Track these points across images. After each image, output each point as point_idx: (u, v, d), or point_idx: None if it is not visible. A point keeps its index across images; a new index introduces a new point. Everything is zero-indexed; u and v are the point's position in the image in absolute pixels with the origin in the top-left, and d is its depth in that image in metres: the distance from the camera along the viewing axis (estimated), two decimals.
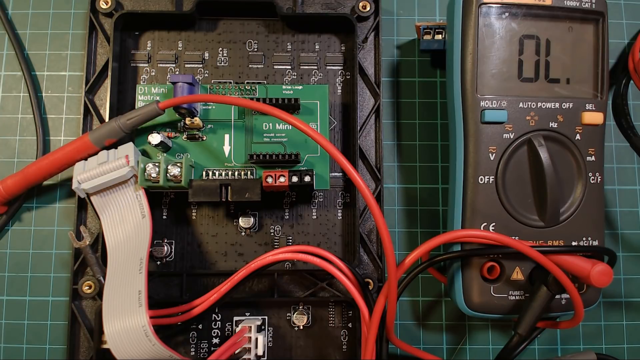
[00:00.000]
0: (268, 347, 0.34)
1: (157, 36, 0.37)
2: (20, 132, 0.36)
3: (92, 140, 0.32)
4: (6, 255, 0.35)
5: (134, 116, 0.31)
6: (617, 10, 0.39)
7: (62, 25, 0.38)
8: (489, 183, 0.31)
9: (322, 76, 0.37)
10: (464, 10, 0.32)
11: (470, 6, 0.31)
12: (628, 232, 0.37)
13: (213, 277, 0.34)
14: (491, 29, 0.32)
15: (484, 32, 0.32)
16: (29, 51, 0.37)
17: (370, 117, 0.36)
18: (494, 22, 0.32)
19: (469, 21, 0.31)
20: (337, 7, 0.37)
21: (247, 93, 0.34)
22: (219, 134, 0.34)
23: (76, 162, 0.32)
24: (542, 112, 0.32)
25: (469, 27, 0.31)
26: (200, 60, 0.36)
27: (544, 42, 0.32)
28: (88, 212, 0.34)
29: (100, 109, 0.35)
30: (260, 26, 0.37)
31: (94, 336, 0.32)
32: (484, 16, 0.32)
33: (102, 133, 0.32)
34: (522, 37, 0.32)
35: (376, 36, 0.37)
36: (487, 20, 0.32)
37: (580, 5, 0.32)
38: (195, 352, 0.34)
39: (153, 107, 0.31)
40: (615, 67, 0.39)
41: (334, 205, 0.35)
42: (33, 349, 0.34)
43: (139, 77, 0.36)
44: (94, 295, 0.33)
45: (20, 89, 0.37)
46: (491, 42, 0.32)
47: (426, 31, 0.36)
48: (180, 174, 0.31)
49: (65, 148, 0.32)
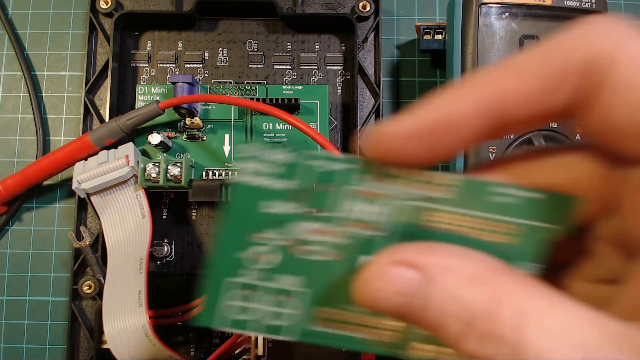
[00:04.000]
0: (268, 347, 0.34)
1: (157, 36, 0.37)
2: (20, 132, 0.36)
3: (92, 140, 0.32)
4: (6, 255, 0.35)
5: (134, 116, 0.31)
6: (617, 10, 0.39)
7: (62, 25, 0.38)
8: None
9: (322, 76, 0.37)
10: (463, 10, 0.32)
11: (470, 6, 0.31)
12: None
13: None
14: (491, 29, 0.32)
15: (483, 32, 0.32)
16: (29, 51, 0.37)
17: (370, 117, 0.36)
18: (493, 22, 0.32)
19: (469, 21, 0.31)
20: (337, 7, 0.37)
21: (247, 93, 0.34)
22: (219, 134, 0.34)
23: (76, 162, 0.32)
24: None
25: (468, 27, 0.31)
26: (200, 60, 0.36)
27: None
28: (88, 212, 0.34)
29: (100, 109, 0.35)
30: (260, 26, 0.37)
31: (94, 336, 0.32)
32: (483, 16, 0.32)
33: (102, 133, 0.32)
34: (522, 37, 0.32)
35: (376, 36, 0.37)
36: (487, 21, 0.32)
37: (580, 5, 0.32)
38: (195, 352, 0.34)
39: (153, 107, 0.31)
40: None
41: None
42: (33, 349, 0.34)
43: (139, 77, 0.36)
44: (94, 295, 0.33)
45: (20, 89, 0.37)
46: (491, 42, 0.32)
47: (426, 31, 0.36)
48: (180, 174, 0.31)
49: (65, 148, 0.32)
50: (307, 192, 0.17)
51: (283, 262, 0.17)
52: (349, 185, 0.17)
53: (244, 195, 0.17)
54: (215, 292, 0.17)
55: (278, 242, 0.17)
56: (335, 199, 0.17)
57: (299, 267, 0.17)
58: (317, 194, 0.17)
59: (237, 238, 0.17)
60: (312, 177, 0.17)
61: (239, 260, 0.17)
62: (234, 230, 0.17)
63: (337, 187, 0.17)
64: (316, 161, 0.17)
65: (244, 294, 0.17)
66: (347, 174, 0.17)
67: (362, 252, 0.17)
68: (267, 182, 0.17)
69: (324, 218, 0.17)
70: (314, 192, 0.17)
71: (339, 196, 0.17)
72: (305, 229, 0.17)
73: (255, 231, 0.17)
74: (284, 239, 0.17)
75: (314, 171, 0.17)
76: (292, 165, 0.17)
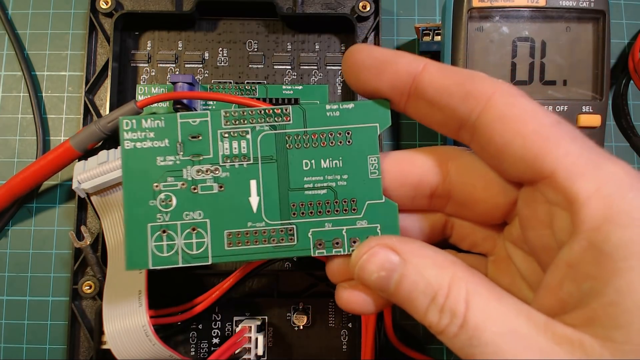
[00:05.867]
0: (268, 347, 0.34)
1: (157, 36, 0.37)
2: (20, 132, 0.36)
3: (74, 145, 0.31)
4: (6, 255, 0.35)
5: (113, 118, 0.31)
6: (617, 10, 0.39)
7: (62, 25, 0.38)
8: None
9: (322, 76, 0.37)
10: (454, 14, 0.31)
11: (461, 10, 0.31)
12: None
13: (213, 277, 0.34)
14: (482, 33, 0.31)
15: (474, 36, 0.31)
16: (29, 51, 0.37)
17: None
18: (485, 26, 0.31)
19: (459, 25, 0.31)
20: (337, 7, 0.37)
21: (247, 93, 0.34)
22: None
23: (60, 169, 0.32)
24: None
25: (459, 31, 0.31)
26: (200, 60, 0.36)
27: (539, 44, 0.32)
28: (88, 212, 0.34)
29: (100, 109, 0.35)
30: (260, 26, 0.37)
31: (94, 336, 0.32)
32: (474, 20, 0.31)
33: (83, 137, 0.31)
34: (515, 39, 0.32)
35: (376, 36, 0.37)
36: (478, 24, 0.31)
37: (577, 4, 0.31)
38: (195, 352, 0.34)
39: (131, 107, 0.31)
40: (615, 67, 0.39)
41: None
42: (33, 349, 0.34)
43: (139, 77, 0.36)
44: (94, 295, 0.33)
45: (20, 89, 0.37)
46: (482, 46, 0.31)
47: (425, 32, 0.36)
48: None
49: (47, 156, 0.32)
50: (186, 143, 0.23)
51: (185, 200, 0.23)
52: (216, 130, 0.23)
53: (137, 157, 0.23)
54: (142, 237, 0.22)
55: (177, 186, 0.23)
56: (208, 144, 0.23)
57: (198, 202, 0.23)
58: (194, 143, 0.23)
59: (145, 189, 0.23)
60: (186, 132, 0.23)
61: (153, 207, 0.23)
62: (140, 184, 0.23)
63: (208, 135, 0.23)
64: (185, 119, 0.23)
65: (165, 234, 0.23)
66: (214, 122, 0.23)
67: (241, 180, 0.23)
68: (152, 144, 0.23)
69: (205, 160, 0.23)
70: (192, 142, 0.23)
71: (211, 140, 0.23)
72: (193, 171, 0.23)
73: (157, 181, 0.23)
74: (180, 183, 0.23)
75: (187, 127, 0.23)
76: (169, 126, 0.23)
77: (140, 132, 0.23)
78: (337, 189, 0.23)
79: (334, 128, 0.23)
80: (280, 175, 0.23)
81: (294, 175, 0.23)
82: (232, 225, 0.23)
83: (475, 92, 0.19)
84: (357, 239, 0.23)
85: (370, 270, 0.20)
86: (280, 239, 0.23)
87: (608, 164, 0.17)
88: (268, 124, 0.23)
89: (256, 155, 0.23)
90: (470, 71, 0.20)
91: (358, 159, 0.23)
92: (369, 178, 0.23)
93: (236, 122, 0.23)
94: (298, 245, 0.23)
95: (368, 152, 0.23)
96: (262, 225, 0.23)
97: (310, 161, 0.23)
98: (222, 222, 0.23)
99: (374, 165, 0.23)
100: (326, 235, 0.23)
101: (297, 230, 0.23)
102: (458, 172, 0.21)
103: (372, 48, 0.21)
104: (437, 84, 0.20)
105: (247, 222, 0.23)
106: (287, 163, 0.23)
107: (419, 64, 0.20)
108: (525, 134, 0.18)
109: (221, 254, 0.23)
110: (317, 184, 0.23)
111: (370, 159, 0.23)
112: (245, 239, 0.23)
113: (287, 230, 0.23)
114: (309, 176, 0.23)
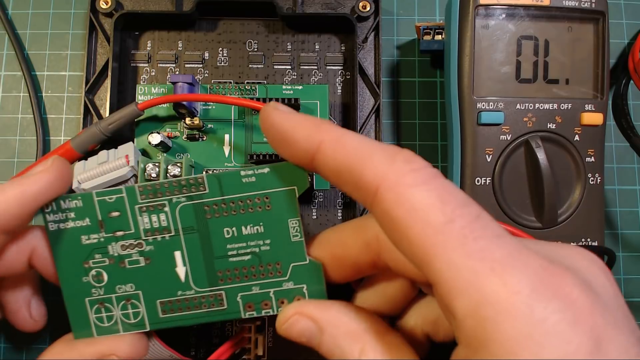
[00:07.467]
0: (268, 347, 0.34)
1: (157, 36, 0.37)
2: (20, 132, 0.37)
3: (74, 146, 0.32)
4: None
5: (114, 119, 0.31)
6: (617, 10, 0.39)
7: (62, 25, 0.38)
8: (486, 184, 0.31)
9: (322, 76, 0.37)
10: (460, 11, 0.31)
11: (467, 7, 0.31)
12: (628, 232, 0.37)
13: None
14: (488, 31, 0.32)
15: (480, 34, 0.31)
16: (29, 51, 0.37)
17: (370, 117, 0.36)
18: (491, 23, 0.32)
19: (466, 23, 0.31)
20: (337, 7, 0.37)
21: (247, 93, 0.34)
22: (219, 134, 0.34)
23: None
24: (540, 113, 0.32)
25: (465, 28, 0.31)
26: (200, 60, 0.36)
27: (542, 43, 0.32)
28: None
29: (100, 109, 0.35)
30: (260, 26, 0.37)
31: None
32: (481, 18, 0.32)
33: (84, 138, 0.32)
34: (520, 38, 0.32)
35: (376, 36, 0.37)
36: (484, 22, 0.32)
37: (579, 4, 0.32)
38: (195, 352, 0.34)
39: (133, 109, 0.31)
40: (615, 67, 0.39)
41: (334, 205, 0.35)
42: (33, 348, 0.34)
43: (139, 77, 0.36)
44: None
45: (20, 89, 0.37)
46: (488, 43, 0.32)
47: (426, 32, 0.36)
48: (180, 174, 0.31)
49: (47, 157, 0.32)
50: (107, 220, 0.23)
51: (115, 275, 0.23)
52: (133, 205, 0.23)
53: (63, 238, 0.23)
54: (82, 310, 0.23)
55: (105, 262, 0.23)
56: (128, 219, 0.23)
57: (128, 275, 0.23)
58: (114, 219, 0.23)
59: (76, 267, 0.23)
60: (105, 209, 0.23)
61: (87, 284, 0.23)
62: (71, 263, 0.23)
63: (126, 210, 0.23)
64: (101, 197, 0.23)
65: (103, 307, 0.24)
66: (130, 197, 0.23)
67: (166, 252, 0.23)
68: (74, 224, 0.23)
69: (127, 235, 0.23)
70: (111, 218, 0.23)
71: (130, 216, 0.23)
72: (118, 247, 0.23)
73: (86, 259, 0.23)
74: (108, 259, 0.23)
75: (104, 204, 0.23)
76: (87, 205, 0.23)
77: (62, 213, 0.23)
78: (260, 254, 0.23)
79: (252, 194, 0.23)
80: (204, 244, 0.23)
81: (216, 243, 0.23)
82: (163, 294, 0.24)
83: (362, 184, 0.19)
84: (284, 300, 0.24)
85: (293, 336, 0.22)
86: (211, 304, 0.24)
87: (491, 278, 0.16)
88: (184, 195, 0.23)
89: (177, 227, 0.23)
90: (366, 147, 0.19)
91: (279, 223, 0.23)
92: (291, 241, 0.23)
93: (152, 195, 0.23)
94: (229, 309, 0.24)
95: (288, 216, 0.23)
96: (191, 293, 0.24)
97: (232, 229, 0.23)
98: (154, 293, 0.24)
99: (295, 229, 0.23)
100: (255, 298, 0.24)
101: (226, 296, 0.24)
102: (388, 247, 0.21)
103: (276, 115, 0.21)
104: (331, 166, 0.20)
105: (177, 291, 0.24)
106: (208, 232, 0.23)
107: (314, 141, 0.20)
108: (411, 238, 0.17)
109: (157, 321, 0.24)
110: (240, 250, 0.23)
111: (291, 222, 0.23)
112: (177, 306, 0.24)
113: (217, 296, 0.24)
114: (232, 243, 0.23)
